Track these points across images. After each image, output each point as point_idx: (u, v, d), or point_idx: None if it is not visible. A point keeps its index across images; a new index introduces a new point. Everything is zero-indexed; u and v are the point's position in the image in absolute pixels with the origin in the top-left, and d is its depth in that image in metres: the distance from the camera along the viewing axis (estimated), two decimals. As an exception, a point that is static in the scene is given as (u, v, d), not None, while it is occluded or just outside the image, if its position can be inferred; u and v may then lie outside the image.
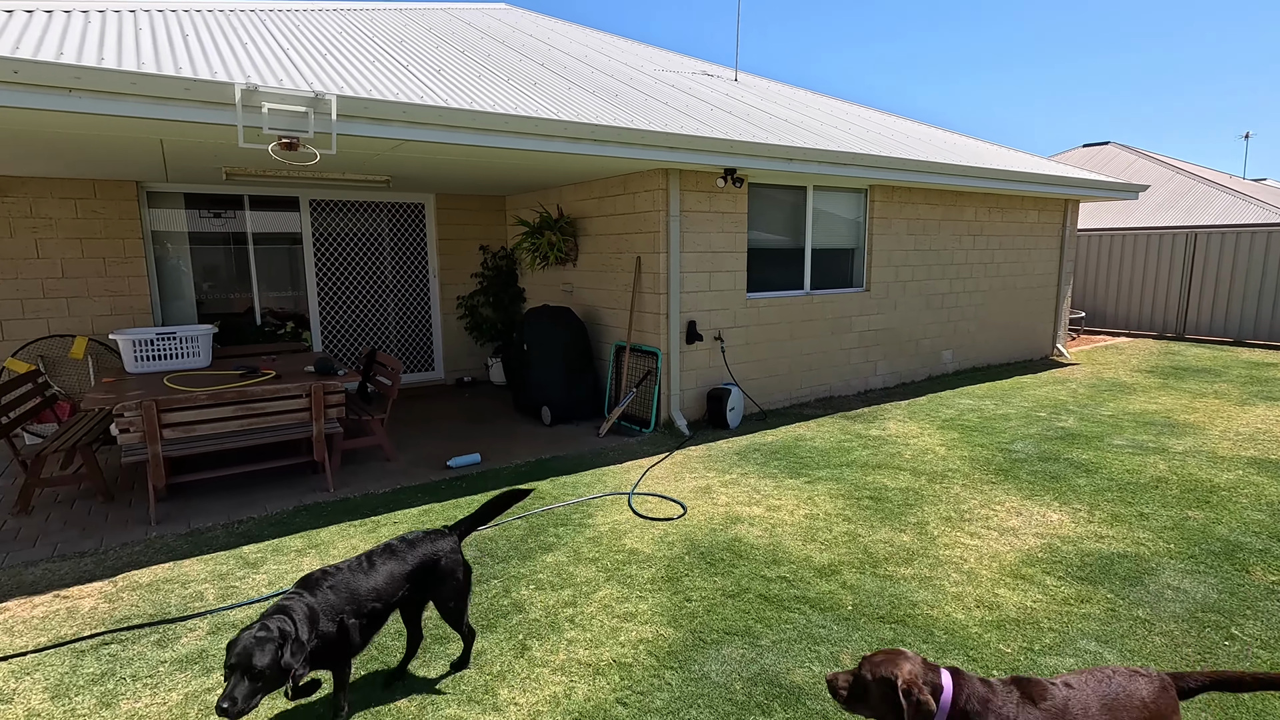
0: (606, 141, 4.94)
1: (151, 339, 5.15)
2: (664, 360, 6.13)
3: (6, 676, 2.74)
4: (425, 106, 4.14)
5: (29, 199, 6.07)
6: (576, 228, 7.10)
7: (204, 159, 5.14)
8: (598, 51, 8.53)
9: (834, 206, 7.33)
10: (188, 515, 4.36)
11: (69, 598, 3.37)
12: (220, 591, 3.41)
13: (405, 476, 5.08)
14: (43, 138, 4.20)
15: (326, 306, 7.73)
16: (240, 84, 3.52)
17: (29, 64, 3.09)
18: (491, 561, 3.70)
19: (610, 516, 4.31)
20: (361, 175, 6.16)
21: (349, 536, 4.04)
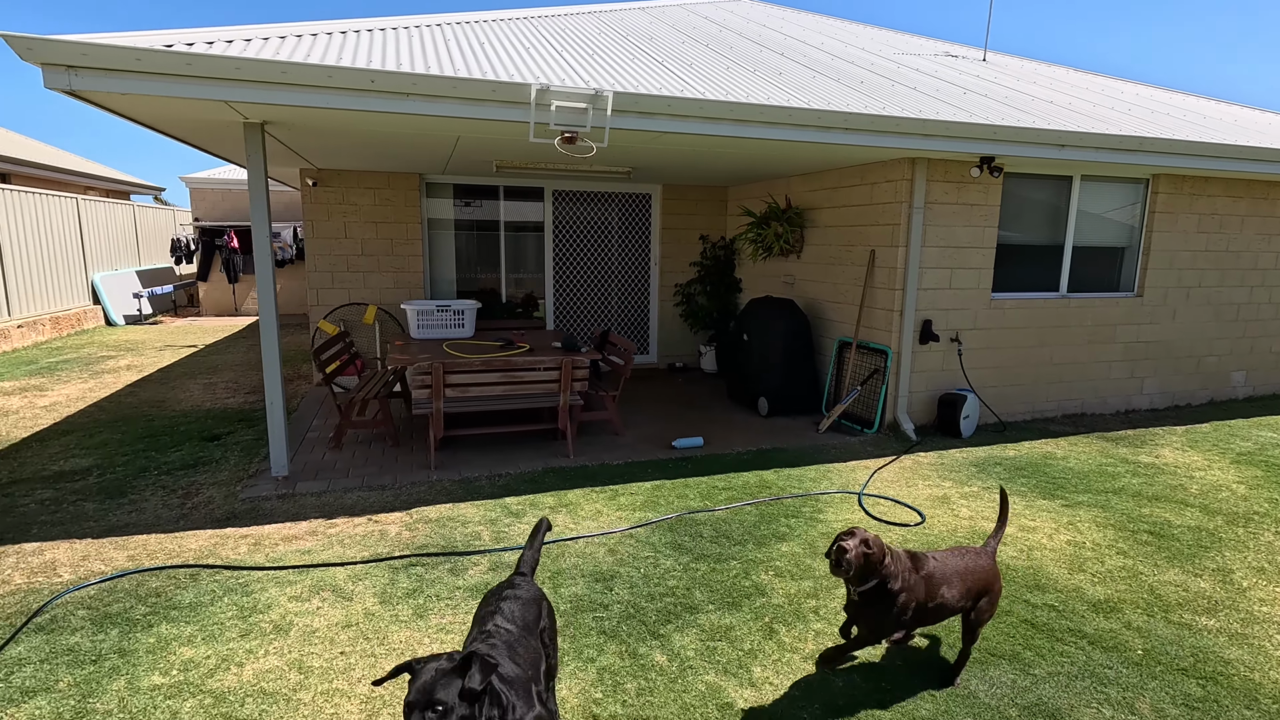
0: (858, 130, 4.78)
1: (432, 310, 5.96)
2: (893, 359, 5.84)
3: (346, 580, 3.35)
4: (687, 99, 4.30)
5: (342, 189, 7.30)
6: (804, 219, 6.98)
7: (485, 153, 5.81)
8: (832, 38, 8.28)
9: (1103, 199, 6.45)
10: (458, 465, 5.00)
11: (379, 522, 4.03)
12: (493, 534, 3.87)
13: (633, 451, 5.39)
14: (371, 137, 5.01)
15: (560, 288, 8.40)
16: (535, 85, 3.91)
17: (382, 74, 3.70)
18: (728, 543, 3.81)
19: (841, 514, 4.22)
20: (608, 167, 6.58)
21: (593, 500, 4.38)
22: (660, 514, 4.19)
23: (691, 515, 4.17)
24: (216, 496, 4.35)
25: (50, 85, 3.31)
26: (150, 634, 2.87)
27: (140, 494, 4.38)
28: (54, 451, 5.16)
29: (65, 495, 4.33)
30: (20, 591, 3.18)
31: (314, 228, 7.28)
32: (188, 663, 2.69)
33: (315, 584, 3.30)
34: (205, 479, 4.66)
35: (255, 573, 3.40)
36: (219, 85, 3.53)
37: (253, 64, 3.51)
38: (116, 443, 5.40)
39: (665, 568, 3.51)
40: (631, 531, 3.94)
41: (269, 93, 3.60)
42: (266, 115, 4.11)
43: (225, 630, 2.91)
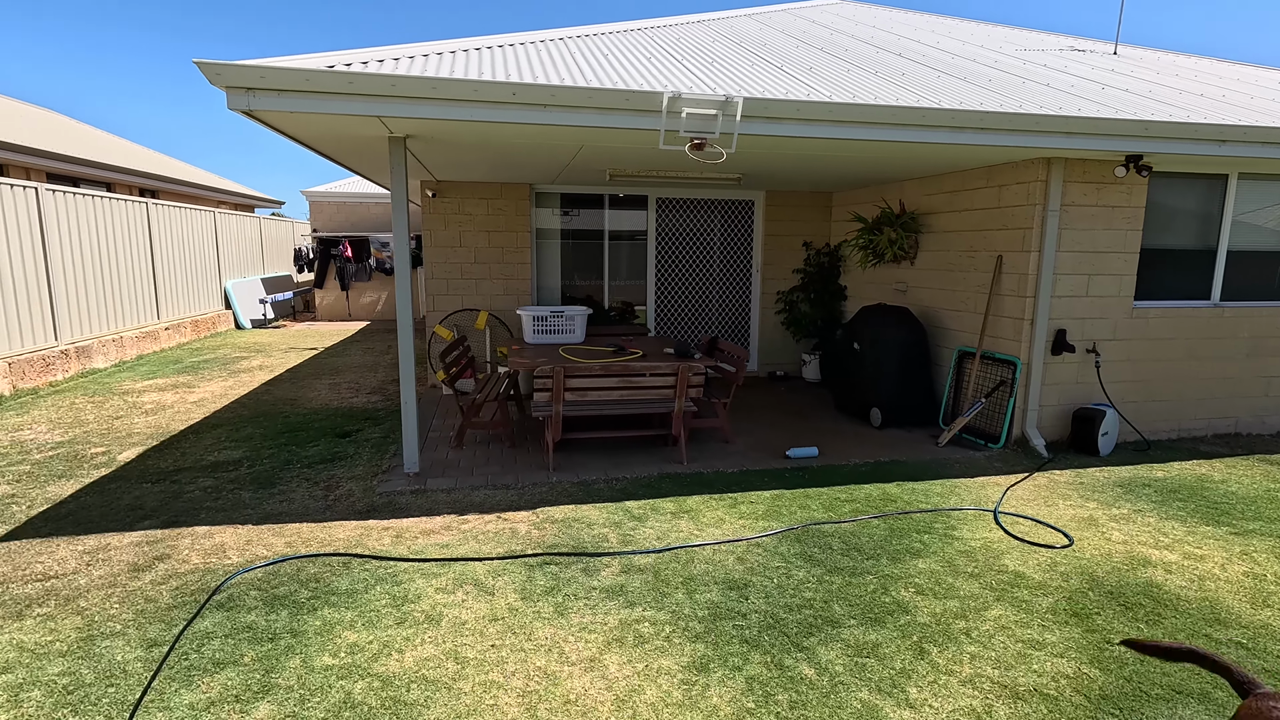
0: (994, 130, 4.56)
1: (546, 316, 6.11)
2: (1022, 371, 5.52)
3: (486, 575, 3.46)
4: (815, 103, 4.23)
5: (458, 199, 7.62)
6: (919, 224, 6.73)
7: (603, 162, 5.93)
8: (947, 37, 7.98)
9: (1264, 199, 5.89)
10: (574, 467, 5.09)
11: (507, 520, 4.14)
12: (619, 537, 3.90)
13: (746, 460, 5.32)
14: (500, 148, 5.20)
15: (661, 295, 8.45)
16: (667, 93, 3.95)
17: (523, 86, 3.83)
18: (860, 557, 3.69)
19: (977, 532, 4.01)
20: (720, 174, 6.58)
21: (713, 508, 4.35)
22: (784, 524, 4.11)
23: (817, 526, 4.07)
24: (355, 490, 4.60)
25: (232, 106, 3.61)
26: (316, 617, 3.05)
27: (287, 485, 4.69)
28: (208, 443, 5.60)
29: (223, 484, 4.69)
30: (198, 571, 3.45)
31: (431, 237, 7.62)
32: (353, 646, 2.84)
33: (458, 577, 3.42)
34: (343, 473, 4.94)
35: (401, 564, 3.56)
36: (375, 101, 3.76)
37: (407, 80, 3.71)
38: (260, 437, 5.81)
39: (799, 579, 3.43)
40: (758, 540, 3.88)
41: (419, 107, 3.80)
42: (411, 129, 4.34)
43: (382, 617, 3.05)
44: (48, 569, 3.45)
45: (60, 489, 4.56)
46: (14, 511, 4.18)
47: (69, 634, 2.89)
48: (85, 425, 6.11)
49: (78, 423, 6.19)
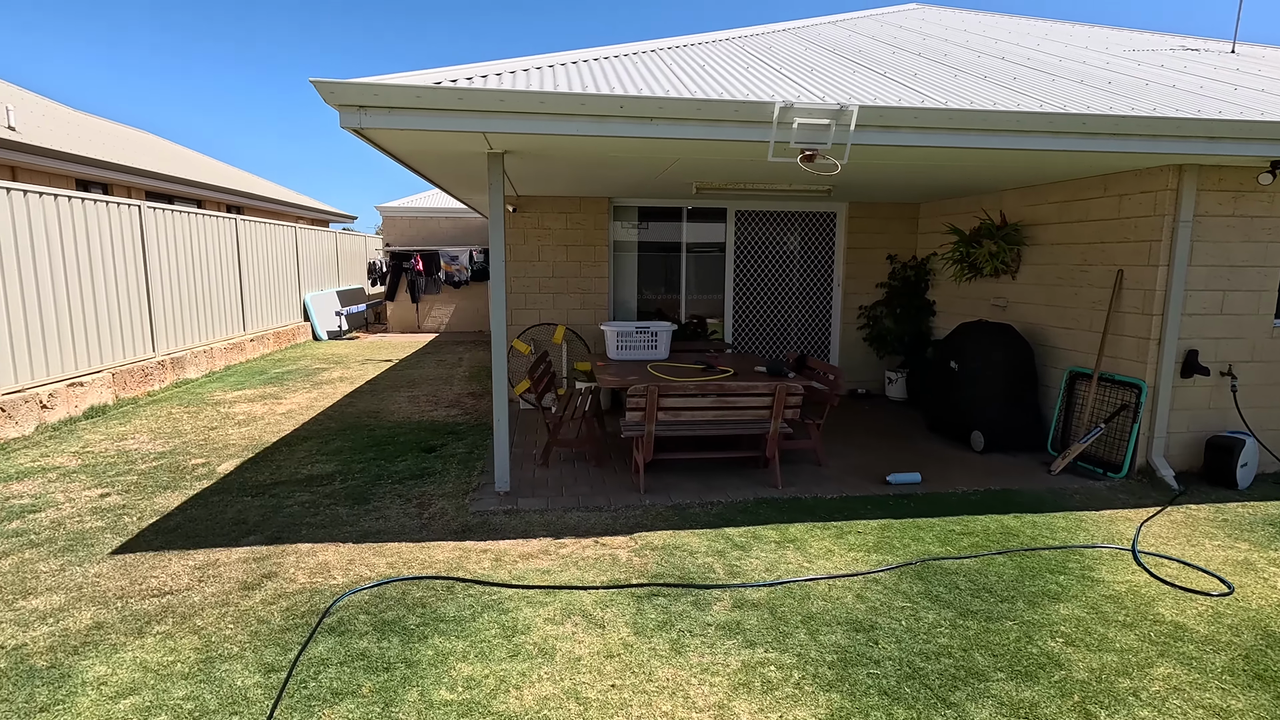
0: (1127, 135, 4.23)
1: (631, 332, 6.00)
2: (1148, 395, 5.10)
3: (593, 605, 3.32)
4: (933, 110, 4.00)
5: (537, 214, 7.61)
6: (1021, 236, 6.35)
7: (693, 174, 5.80)
8: (1046, 39, 7.57)
9: None
10: (664, 489, 4.93)
11: (605, 545, 4.00)
12: (725, 567, 3.72)
13: (842, 485, 5.06)
14: (592, 161, 5.13)
15: (739, 309, 8.25)
16: (778, 103, 3.79)
17: (630, 99, 3.73)
18: (992, 598, 3.40)
19: (1118, 574, 3.66)
20: (809, 186, 6.37)
21: (819, 538, 4.11)
22: (897, 557, 3.85)
23: (936, 562, 3.79)
24: (449, 509, 4.55)
25: (345, 125, 3.62)
26: (428, 646, 2.96)
27: (381, 501, 4.68)
28: (300, 456, 5.68)
29: (319, 499, 4.71)
30: (306, 591, 3.43)
31: (510, 251, 7.63)
32: (469, 680, 2.73)
33: (565, 607, 3.29)
34: (433, 490, 4.90)
35: (505, 590, 3.45)
36: (483, 117, 3.71)
37: (515, 95, 3.65)
38: (349, 450, 5.86)
39: (929, 622, 3.18)
40: (874, 576, 3.63)
41: (526, 122, 3.74)
42: (512, 144, 4.29)
43: (494, 649, 2.94)
44: (162, 584, 3.48)
45: (166, 501, 4.66)
46: (126, 523, 4.28)
47: (188, 654, 2.88)
48: (183, 435, 6.29)
49: (176, 433, 6.38)
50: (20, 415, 6.11)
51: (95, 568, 3.65)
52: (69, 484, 4.97)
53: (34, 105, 11.69)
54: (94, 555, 3.80)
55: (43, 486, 4.91)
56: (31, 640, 2.97)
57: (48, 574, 3.58)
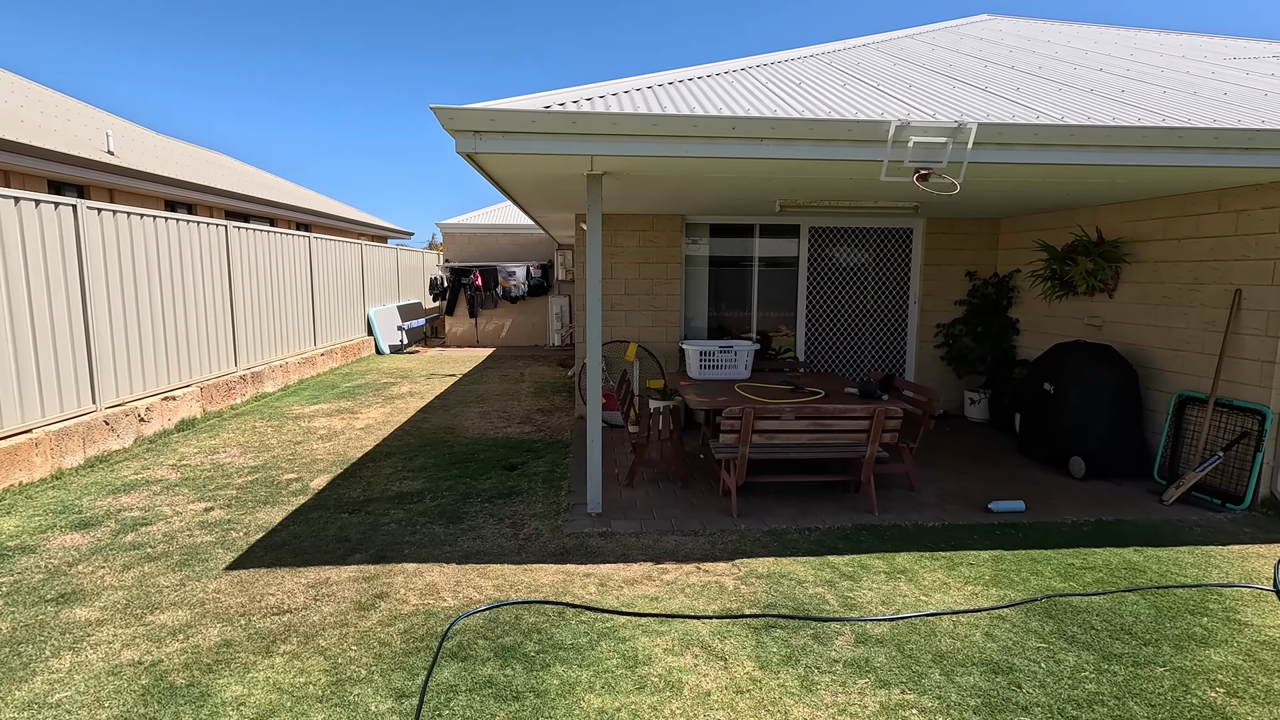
0: (1260, 149, 4.01)
1: (714, 351, 5.93)
2: (1273, 421, 4.80)
3: (710, 636, 3.24)
4: (1054, 127, 3.86)
5: (610, 231, 7.63)
6: (1120, 252, 6.09)
7: (781, 193, 5.74)
8: (1139, 49, 7.31)
9: None
10: (757, 514, 4.83)
11: (709, 572, 3.92)
12: (838, 598, 3.60)
13: (941, 512, 4.88)
14: (685, 181, 5.10)
15: (812, 326, 8.11)
16: (895, 121, 3.70)
17: (743, 120, 3.69)
18: (1133, 641, 3.20)
19: (1268, 618, 3.42)
20: (894, 203, 6.24)
21: (929, 569, 3.96)
22: (1017, 592, 3.67)
23: (1064, 599, 3.61)
24: (544, 530, 4.53)
25: (461, 150, 3.66)
26: (551, 675, 2.92)
27: (474, 520, 4.69)
28: (388, 473, 5.75)
29: (414, 517, 4.75)
30: (420, 613, 3.43)
31: (582, 269, 7.65)
32: (601, 713, 2.67)
33: (682, 637, 3.22)
34: (523, 510, 4.90)
35: (617, 617, 3.40)
36: (592, 140, 3.72)
37: (628, 119, 3.65)
38: (434, 467, 5.91)
39: (1070, 665, 3.01)
40: (999, 612, 3.47)
41: (636, 145, 3.73)
42: (614, 166, 4.30)
43: (619, 680, 2.89)
44: (280, 602, 3.53)
45: (269, 516, 4.75)
46: (234, 538, 4.37)
47: (318, 676, 2.89)
48: (271, 450, 6.44)
49: (264, 447, 6.54)
50: (121, 428, 6.35)
51: (213, 583, 3.73)
52: (173, 497, 5.11)
53: (124, 130, 12.29)
54: (209, 570, 3.89)
55: (149, 499, 5.06)
56: (167, 657, 3.02)
57: (170, 588, 3.66)
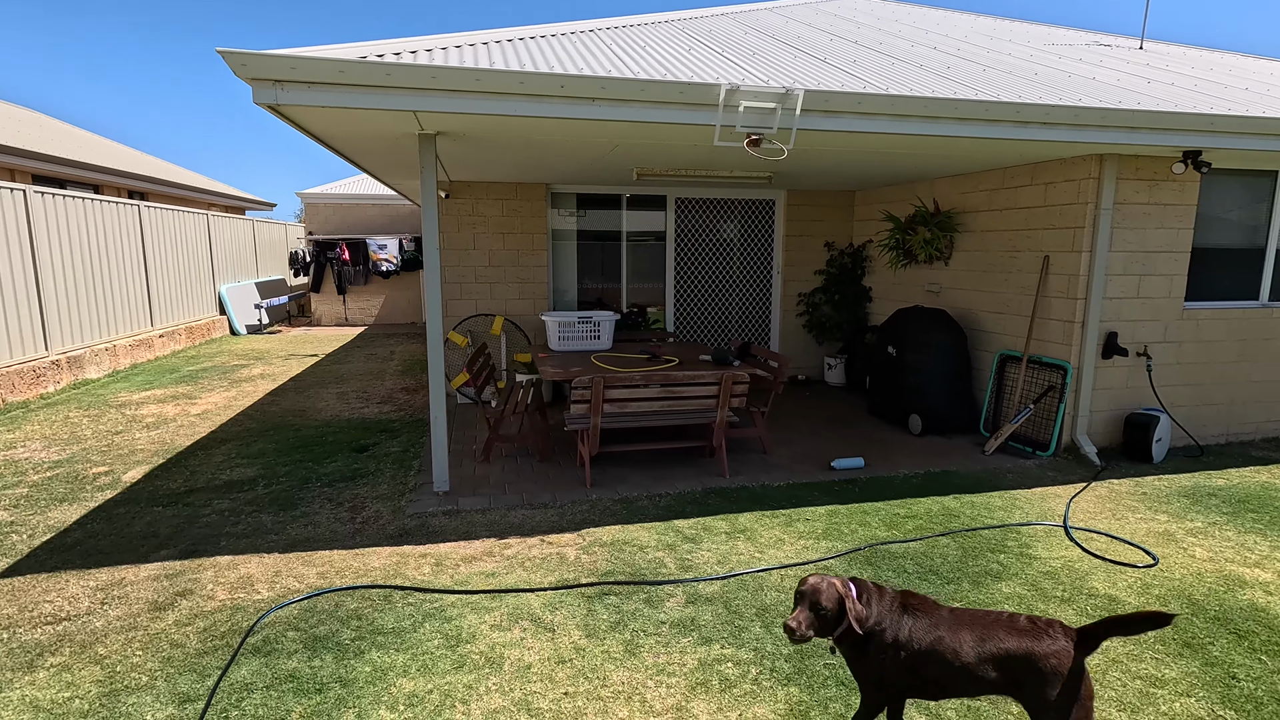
0: (1057, 125, 4.35)
1: (573, 322, 5.83)
2: (1073, 375, 5.32)
3: (542, 608, 3.18)
4: (878, 96, 3.99)
5: (471, 200, 7.32)
6: (954, 223, 6.52)
7: (633, 160, 5.66)
8: (974, 31, 7.78)
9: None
10: (611, 483, 4.82)
11: (553, 544, 3.86)
12: (677, 561, 3.64)
13: (790, 472, 5.07)
14: (528, 145, 4.92)
15: (680, 297, 8.19)
16: (725, 85, 3.69)
17: (572, 79, 3.56)
18: (939, 581, 3.45)
19: (1054, 551, 3.79)
20: (749, 173, 6.33)
21: (769, 526, 4.09)
22: (847, 544, 3.87)
23: (884, 547, 3.83)
24: (384, 511, 4.30)
25: (259, 100, 3.31)
26: (364, 661, 2.76)
27: (309, 506, 4.38)
28: (219, 460, 5.28)
29: (241, 506, 4.38)
30: (226, 608, 3.15)
31: (444, 239, 7.31)
32: (411, 697, 2.55)
33: (511, 611, 3.14)
34: (366, 492, 4.64)
35: (447, 596, 3.27)
36: (413, 95, 3.47)
37: (449, 72, 3.42)
38: (273, 452, 5.48)
39: (880, 608, 3.18)
40: (825, 563, 3.63)
41: (460, 101, 3.52)
42: (445, 125, 4.05)
43: (437, 661, 2.77)
44: (58, 609, 3.13)
45: (64, 515, 4.23)
46: (14, 542, 3.85)
47: (89, 689, 2.58)
48: (83, 442, 5.75)
49: (75, 439, 5.84)
50: (-114, 424, 5.44)
51: (-23, 595, 3.26)
52: (-54, 500, 4.45)
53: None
54: (-24, 580, 3.39)
55: (-86, 504, 4.37)
56: (-103, 683, 2.60)
57: (-81, 604, 3.17)
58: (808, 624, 1.99)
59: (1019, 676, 1.94)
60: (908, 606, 2.08)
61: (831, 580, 2.05)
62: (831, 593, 2.02)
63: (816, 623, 2.00)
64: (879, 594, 2.10)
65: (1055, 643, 1.94)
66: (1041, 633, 1.96)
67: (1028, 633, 1.97)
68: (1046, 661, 1.91)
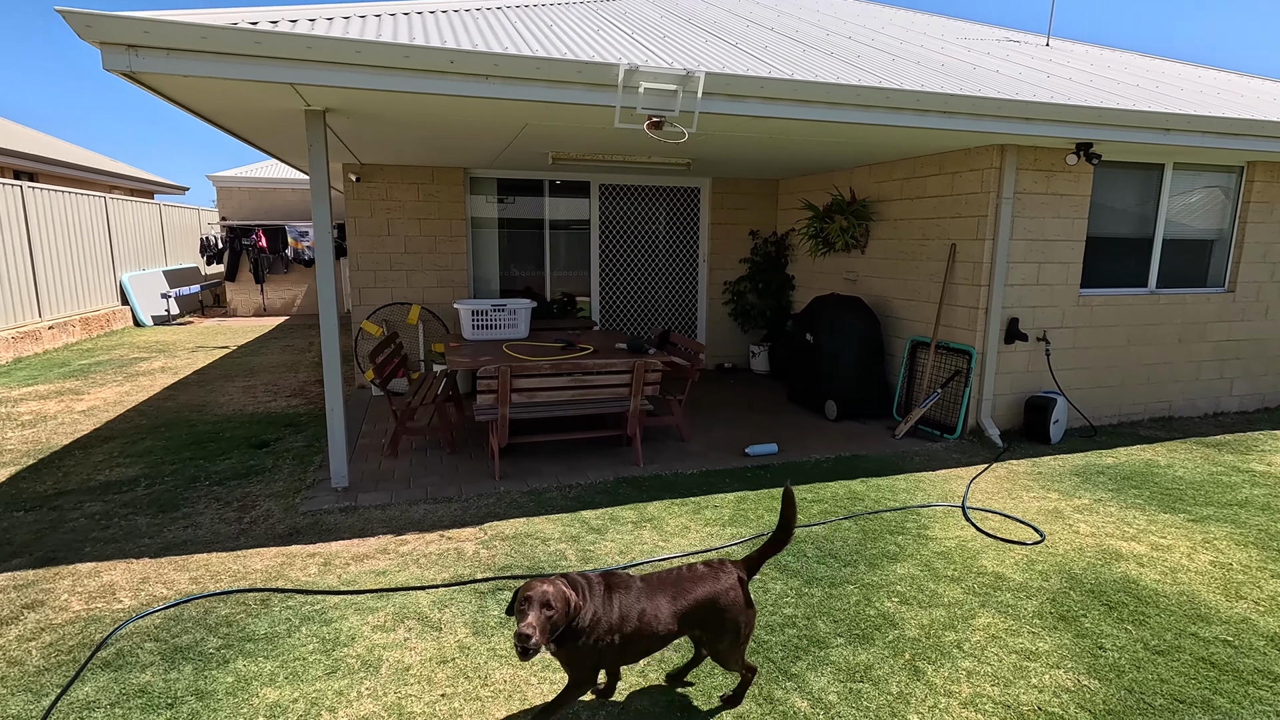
0: (957, 114, 4.43)
1: (487, 310, 5.66)
2: (977, 361, 5.48)
3: (431, 606, 3.06)
4: (779, 81, 3.97)
5: (385, 184, 7.02)
6: (870, 212, 6.62)
7: (546, 143, 5.51)
8: (890, 23, 7.91)
9: (1195, 188, 6.06)
10: (523, 474, 4.70)
11: (452, 539, 3.73)
12: (578, 553, 3.56)
13: (705, 460, 5.06)
14: (432, 125, 4.72)
15: (606, 286, 8.09)
16: (624, 65, 3.60)
17: (462, 54, 3.40)
18: (836, 564, 3.48)
19: (950, 531, 3.88)
20: (668, 159, 6.26)
21: (676, 515, 4.06)
22: (752, 529, 3.87)
23: (788, 531, 3.84)
24: (275, 510, 4.08)
25: (109, 67, 3.03)
26: (227, 671, 2.58)
27: (193, 507, 4.11)
28: (98, 460, 4.91)
29: (115, 509, 4.07)
30: (80, 620, 2.90)
31: (356, 225, 7.01)
32: (273, 707, 2.39)
33: (398, 611, 3.01)
34: (260, 490, 4.39)
35: (331, 597, 3.11)
36: (288, 66, 3.25)
37: (326, 43, 3.21)
38: (161, 450, 5.14)
39: (777, 593, 3.19)
40: (728, 550, 3.62)
41: (340, 74, 3.31)
42: (331, 101, 3.82)
43: (309, 667, 2.61)
44: (-118, 628, 2.82)
45: (-93, 523, 3.84)
46: None
47: (-96, 715, 2.33)
48: (-55, 442, 5.27)
49: (-64, 440, 5.34)
50: None
51: None
52: None
53: None
54: None
55: None
56: None
57: None
58: (542, 629, 1.94)
59: (706, 615, 2.22)
60: (611, 588, 2.16)
61: (552, 581, 2.05)
62: (558, 593, 2.01)
63: (548, 627, 1.97)
64: (588, 585, 2.14)
65: (730, 577, 2.27)
66: (718, 572, 2.28)
67: (708, 577, 2.26)
68: (727, 595, 2.24)
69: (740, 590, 2.27)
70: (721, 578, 2.26)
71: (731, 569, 2.30)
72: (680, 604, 2.20)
